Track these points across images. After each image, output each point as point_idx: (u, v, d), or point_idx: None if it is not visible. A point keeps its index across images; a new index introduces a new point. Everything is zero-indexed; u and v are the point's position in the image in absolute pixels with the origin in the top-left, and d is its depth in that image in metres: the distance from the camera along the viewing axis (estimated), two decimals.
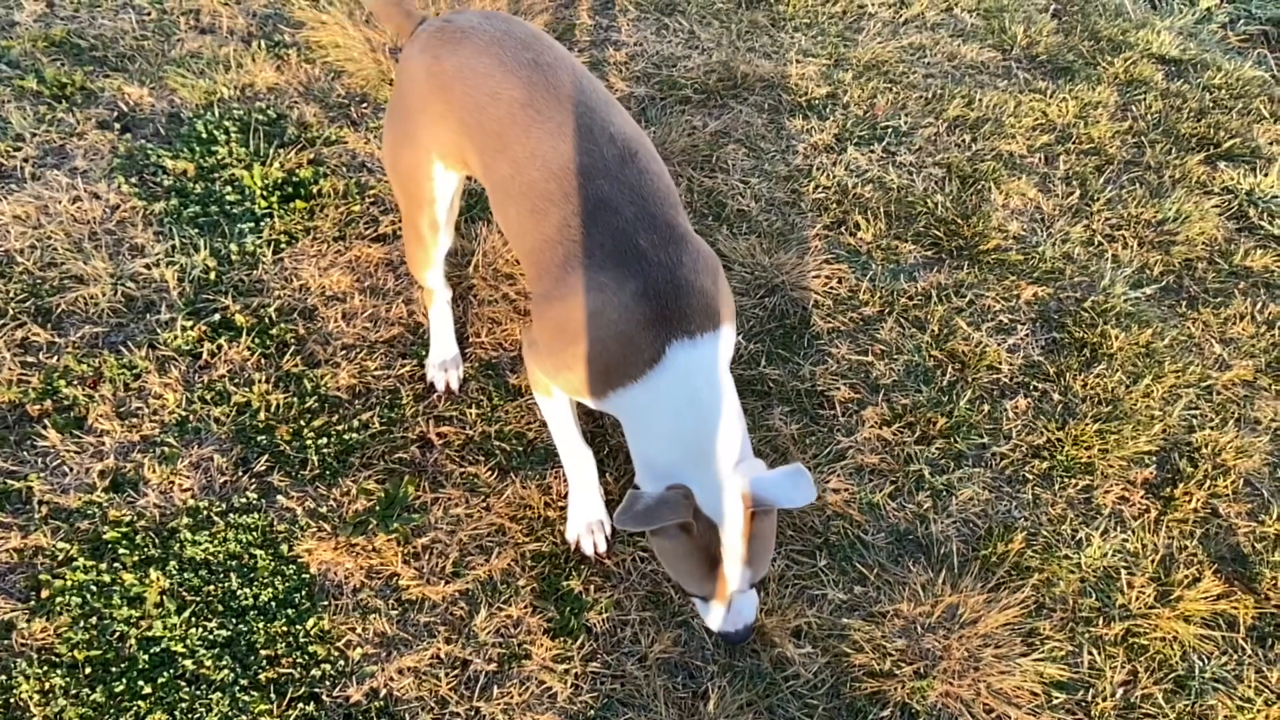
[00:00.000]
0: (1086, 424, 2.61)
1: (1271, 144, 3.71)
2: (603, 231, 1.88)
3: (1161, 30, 4.27)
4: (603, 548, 2.27)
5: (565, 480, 2.36)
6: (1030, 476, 2.51)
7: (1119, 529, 2.43)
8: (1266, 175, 3.49)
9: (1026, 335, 2.85)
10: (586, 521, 2.27)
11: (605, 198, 1.90)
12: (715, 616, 1.92)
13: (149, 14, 3.69)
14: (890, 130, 3.49)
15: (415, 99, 2.18)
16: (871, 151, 3.40)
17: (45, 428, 2.32)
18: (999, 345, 2.80)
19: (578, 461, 2.24)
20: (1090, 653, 2.20)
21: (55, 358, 2.48)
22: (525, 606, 2.16)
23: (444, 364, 2.57)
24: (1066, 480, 2.51)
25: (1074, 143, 3.57)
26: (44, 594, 2.05)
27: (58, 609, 2.03)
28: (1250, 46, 4.44)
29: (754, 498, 1.80)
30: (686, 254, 1.88)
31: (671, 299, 1.82)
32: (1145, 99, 3.84)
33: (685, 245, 1.89)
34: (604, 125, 1.97)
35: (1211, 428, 2.67)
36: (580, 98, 2.01)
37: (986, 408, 2.65)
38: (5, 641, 1.98)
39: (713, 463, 1.81)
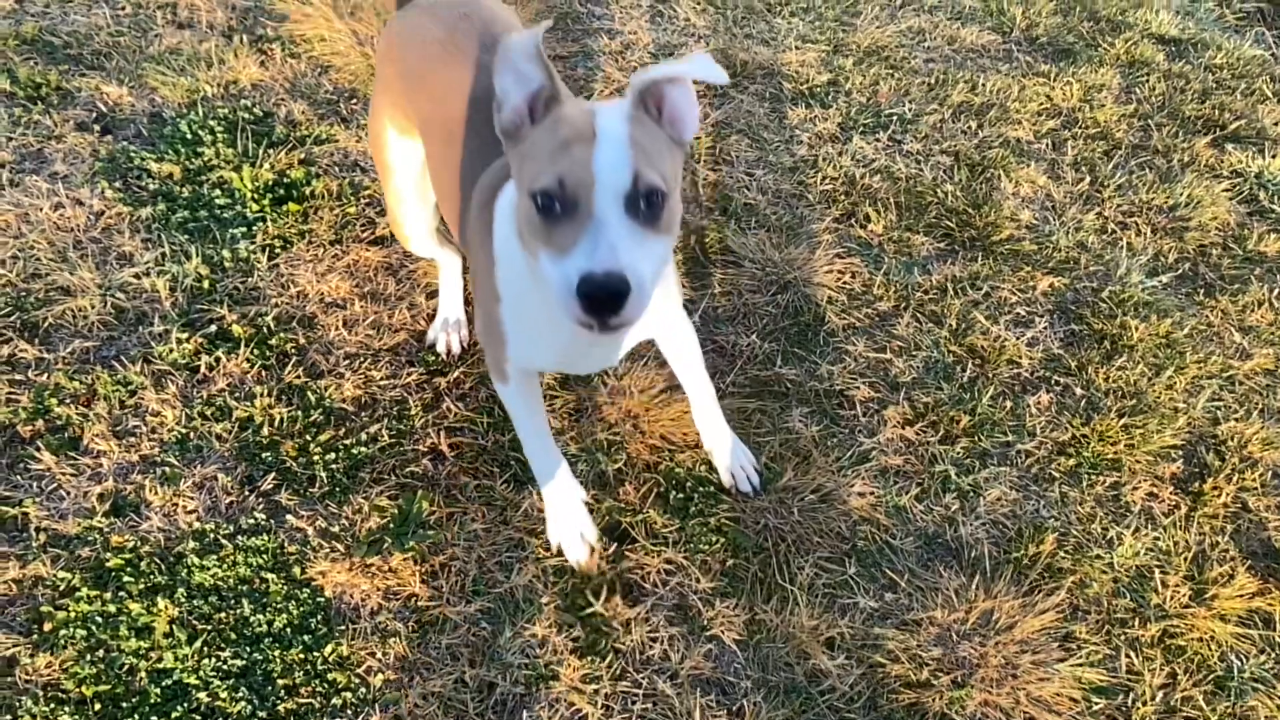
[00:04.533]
0: (1111, 419, 2.56)
1: (1276, 125, 3.67)
2: None
3: (1160, 9, 4.22)
4: (583, 557, 2.17)
5: (580, 487, 2.29)
6: (1057, 474, 2.46)
7: (1150, 526, 2.38)
8: (1275, 157, 3.44)
9: (1045, 328, 2.79)
10: (568, 529, 2.19)
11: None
12: (573, 257, 1.46)
13: (123, 8, 3.55)
14: (895, 118, 3.41)
15: (378, 70, 2.32)
16: (877, 140, 3.33)
17: (39, 449, 2.22)
18: (1018, 339, 2.74)
19: (546, 461, 2.17)
20: (1128, 655, 2.15)
21: (45, 375, 2.37)
22: (550, 625, 2.08)
23: (446, 325, 2.57)
24: (1094, 477, 2.46)
25: (1080, 127, 3.52)
26: (47, 626, 1.96)
27: (62, 642, 1.94)
28: (1248, 25, 4.39)
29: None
30: None
31: None
32: (1148, 80, 3.78)
33: None
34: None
35: (1236, 419, 2.62)
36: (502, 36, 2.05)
37: (1009, 404, 2.59)
38: (8, 678, 1.88)
39: None
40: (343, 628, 2.03)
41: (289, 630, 2.01)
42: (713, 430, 2.36)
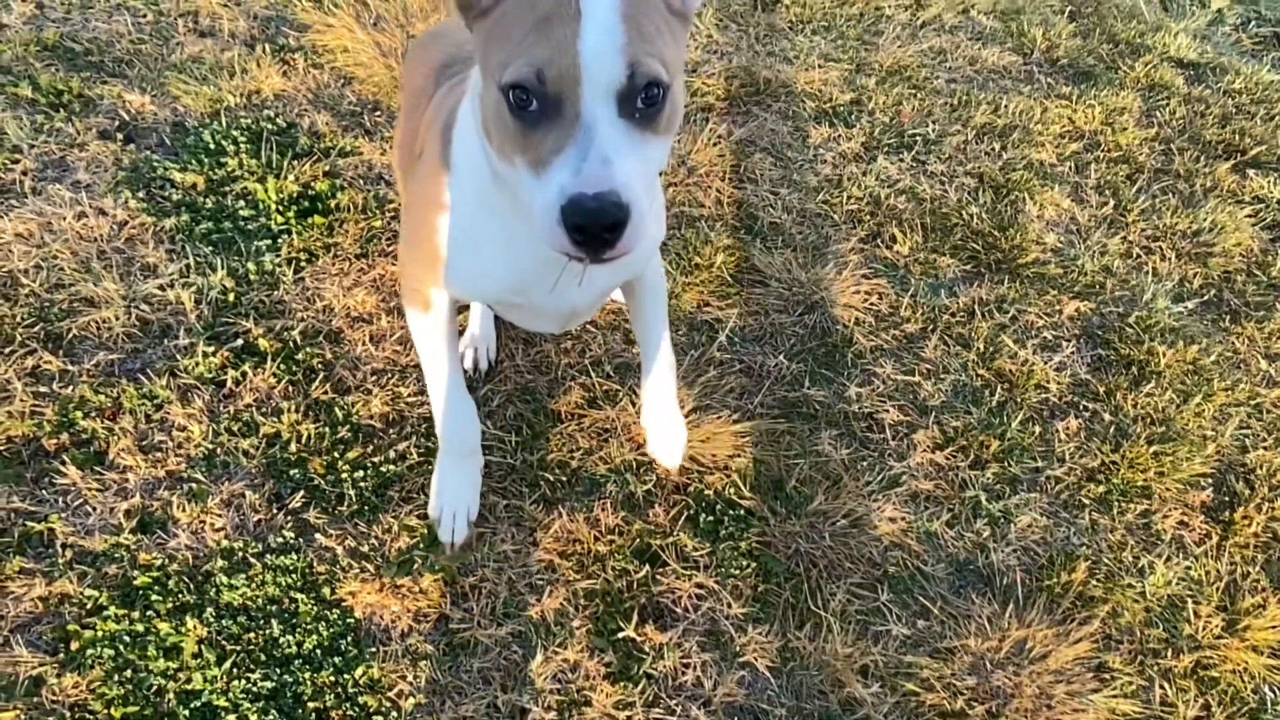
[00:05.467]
0: (1140, 446, 2.55)
1: None
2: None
3: (1178, 33, 4.22)
4: (459, 538, 2.08)
5: (609, 509, 2.27)
6: (1087, 501, 2.45)
7: (1181, 555, 2.37)
8: None
9: (1072, 353, 2.79)
10: (454, 501, 2.06)
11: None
12: (556, 172, 1.22)
13: (144, 15, 3.53)
14: (918, 138, 3.41)
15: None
16: (901, 160, 3.32)
17: (64, 463, 2.19)
18: (1045, 364, 2.73)
19: (459, 412, 1.93)
20: (1161, 687, 2.14)
21: (70, 387, 2.34)
22: (582, 649, 2.06)
23: (474, 341, 2.53)
24: (1124, 505, 2.45)
25: (1103, 150, 3.52)
26: (74, 646, 1.93)
27: (89, 662, 1.91)
28: (1264, 49, 4.41)
29: None
30: None
31: None
32: (1169, 104, 3.79)
33: None
34: None
35: (1265, 448, 2.62)
36: None
37: (1038, 429, 2.58)
38: (35, 699, 1.85)
39: None
40: (373, 650, 2.01)
41: (319, 652, 1.99)
42: (660, 406, 2.15)
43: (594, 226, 1.19)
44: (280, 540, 2.13)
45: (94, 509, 2.14)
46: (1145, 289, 2.99)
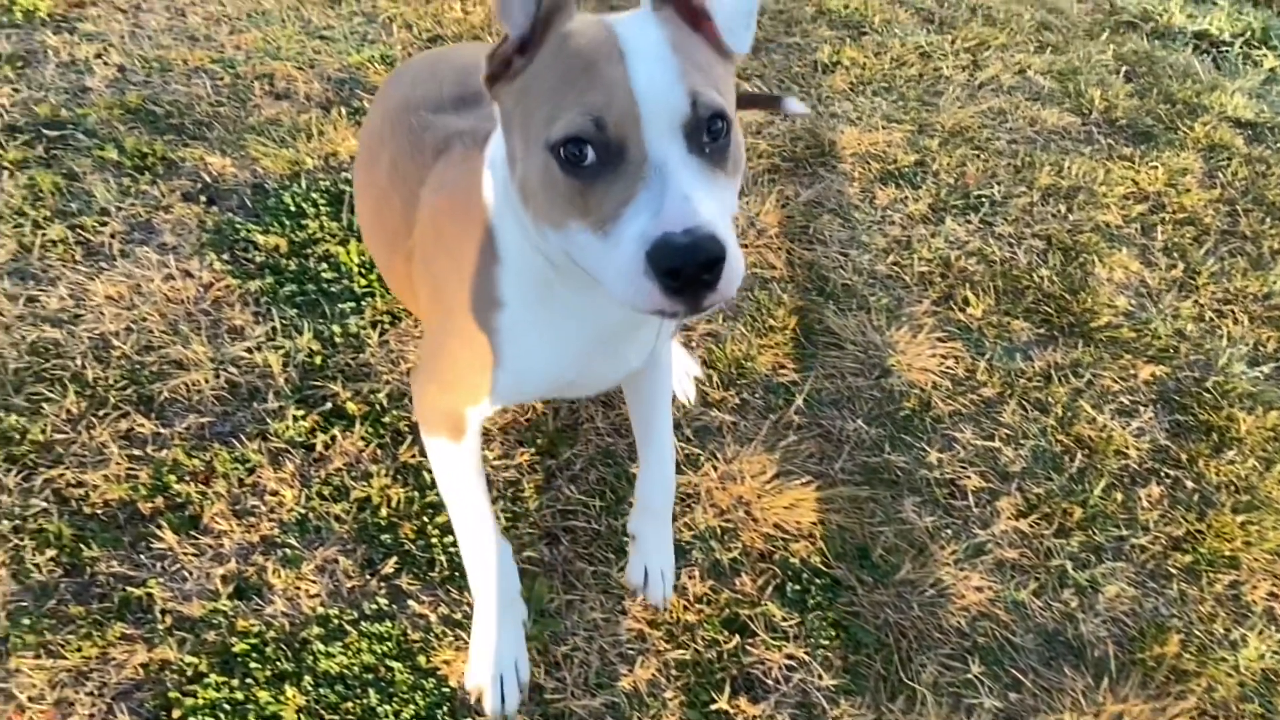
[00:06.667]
0: (1226, 515, 2.53)
1: None
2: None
3: (1234, 92, 4.24)
4: (512, 707, 1.86)
5: (697, 577, 2.27)
6: (1174, 571, 2.43)
7: (1273, 628, 2.34)
8: None
9: (1150, 418, 2.78)
10: (500, 662, 1.88)
11: (429, 125, 1.71)
12: (629, 222, 1.09)
13: (221, 79, 3.62)
14: (984, 200, 3.43)
15: None
16: (969, 222, 3.34)
17: (160, 527, 2.22)
18: (1124, 429, 2.72)
19: (496, 559, 1.79)
20: None
21: (163, 450, 2.38)
22: None
23: None
24: (1212, 575, 2.42)
25: (1168, 212, 3.52)
26: (175, 714, 1.94)
27: None
28: None
29: None
30: None
31: None
32: (1230, 165, 3.80)
33: None
34: (451, 64, 1.89)
35: None
36: (455, 56, 1.96)
37: (1120, 496, 2.57)
38: None
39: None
40: None
41: None
42: (653, 510, 2.04)
43: (690, 266, 1.03)
44: (374, 607, 2.15)
45: (191, 574, 2.16)
46: (1220, 353, 2.98)
